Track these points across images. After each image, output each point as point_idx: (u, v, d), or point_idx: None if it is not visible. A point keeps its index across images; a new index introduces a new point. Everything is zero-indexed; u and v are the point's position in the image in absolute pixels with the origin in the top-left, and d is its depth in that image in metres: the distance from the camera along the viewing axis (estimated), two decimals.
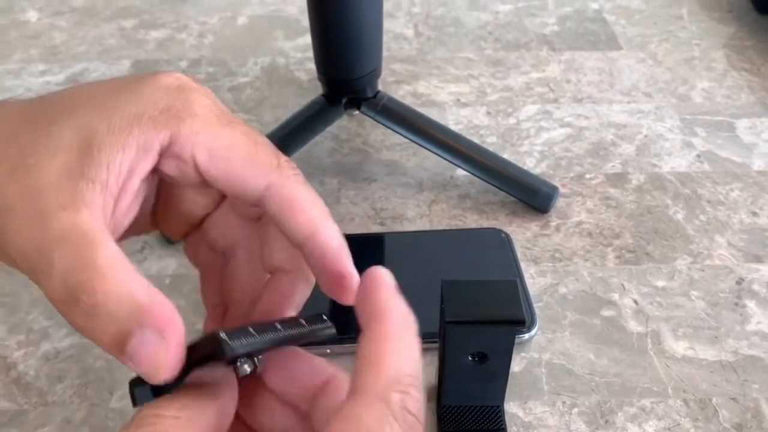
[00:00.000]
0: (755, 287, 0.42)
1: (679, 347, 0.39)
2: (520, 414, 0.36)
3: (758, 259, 0.44)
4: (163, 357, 0.20)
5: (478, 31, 0.68)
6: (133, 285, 0.20)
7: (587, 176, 0.51)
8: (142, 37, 0.69)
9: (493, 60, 0.64)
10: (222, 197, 0.27)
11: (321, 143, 0.54)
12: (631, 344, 0.39)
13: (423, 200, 0.49)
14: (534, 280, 0.43)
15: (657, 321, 0.40)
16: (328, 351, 0.39)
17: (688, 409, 0.36)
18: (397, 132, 0.48)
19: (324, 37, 0.43)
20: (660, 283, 0.42)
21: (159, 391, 0.21)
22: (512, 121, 0.56)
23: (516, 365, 0.38)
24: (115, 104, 0.22)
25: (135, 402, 0.21)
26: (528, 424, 0.35)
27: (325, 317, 0.24)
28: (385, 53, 0.48)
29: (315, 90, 0.59)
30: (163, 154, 0.23)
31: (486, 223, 0.47)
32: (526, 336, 0.39)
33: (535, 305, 0.40)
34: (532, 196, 0.47)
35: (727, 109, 0.57)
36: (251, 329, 0.21)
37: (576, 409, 0.36)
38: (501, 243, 0.44)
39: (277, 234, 0.25)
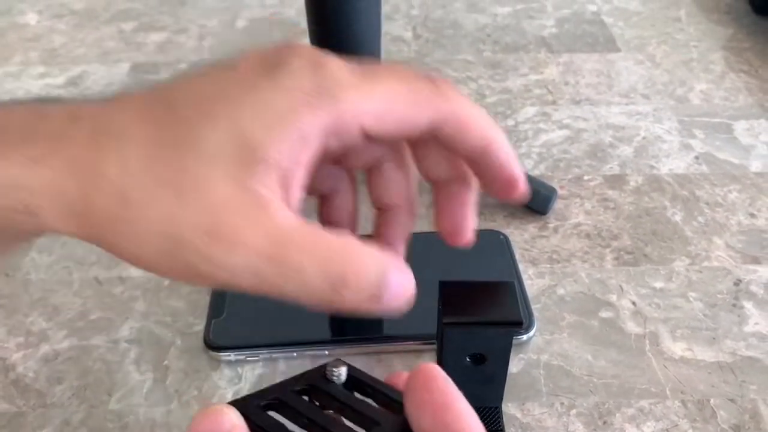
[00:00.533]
0: (753, 288, 0.42)
1: (677, 348, 0.39)
2: (519, 415, 0.36)
3: (756, 261, 0.44)
4: (413, 286, 0.23)
5: (476, 34, 0.68)
6: (367, 246, 0.22)
7: (585, 178, 0.51)
8: (141, 39, 0.69)
9: (491, 62, 0.64)
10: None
11: None
12: (629, 345, 0.39)
13: (422, 202, 0.49)
14: (532, 281, 0.43)
15: (655, 322, 0.40)
16: (327, 353, 0.39)
17: (686, 410, 0.36)
18: None
19: (323, 42, 0.44)
20: (658, 285, 0.43)
21: None
22: (511, 122, 0.56)
23: (514, 366, 0.38)
24: (260, 99, 0.21)
25: None
26: (526, 425, 0.35)
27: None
28: (383, 56, 0.48)
29: None
30: (326, 137, 0.22)
31: (484, 225, 0.47)
32: (524, 337, 0.39)
33: (533, 306, 0.41)
34: (531, 198, 0.47)
35: (725, 110, 0.57)
36: None
37: (574, 411, 0.36)
38: (499, 244, 0.44)
39: (436, 149, 0.27)
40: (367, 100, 0.22)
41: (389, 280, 0.22)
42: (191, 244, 0.21)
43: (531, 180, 0.48)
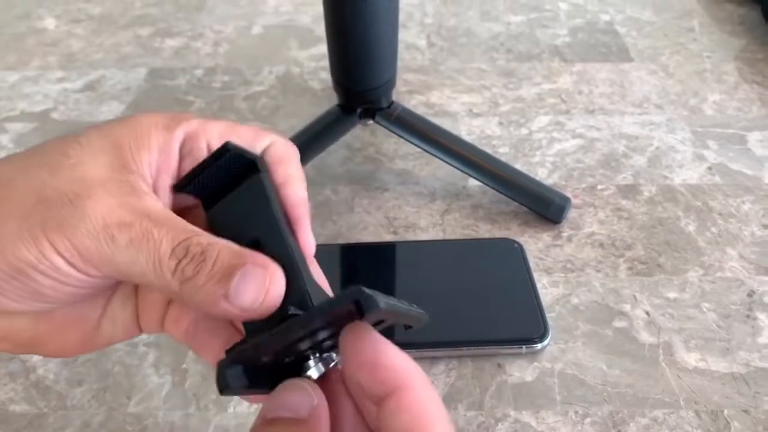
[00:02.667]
0: (767, 300, 0.42)
1: (691, 359, 0.39)
2: (533, 423, 0.36)
3: None
4: (270, 284, 0.22)
5: (490, 42, 0.69)
6: (227, 241, 0.23)
7: (599, 187, 0.51)
8: (158, 45, 0.69)
9: (505, 71, 0.64)
10: None
11: (334, 152, 0.54)
12: (643, 355, 0.39)
13: (436, 210, 0.49)
14: (546, 290, 0.43)
15: (669, 332, 0.41)
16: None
17: (700, 420, 0.36)
18: (411, 142, 0.49)
19: (340, 49, 0.44)
20: (672, 295, 0.43)
21: (252, 375, 0.22)
22: (524, 131, 0.57)
23: (529, 375, 0.38)
24: (130, 121, 0.26)
25: (224, 386, 0.21)
26: None
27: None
28: (398, 63, 0.49)
29: (329, 99, 0.60)
30: (181, 152, 0.26)
31: (498, 233, 0.47)
32: (539, 346, 0.39)
33: (547, 315, 0.41)
34: (545, 207, 0.47)
35: (739, 121, 0.58)
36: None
37: (588, 419, 0.36)
38: (514, 253, 0.45)
39: None
40: (213, 125, 0.27)
41: (245, 271, 0.22)
42: (53, 202, 0.23)
43: (544, 189, 0.48)
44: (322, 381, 0.23)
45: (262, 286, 0.22)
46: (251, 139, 0.27)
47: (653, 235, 0.47)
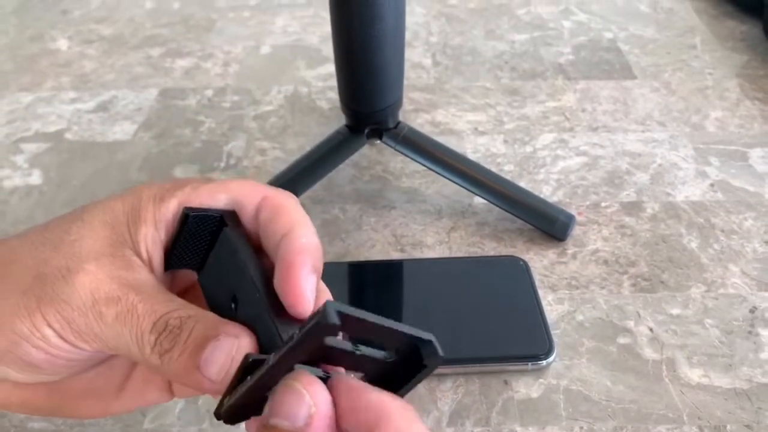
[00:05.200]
0: None
1: (694, 374, 0.40)
2: None
3: None
4: (237, 354, 0.23)
5: (494, 61, 0.70)
6: (208, 312, 0.24)
7: (603, 204, 0.52)
8: (168, 65, 0.71)
9: (509, 89, 0.66)
10: None
11: (342, 170, 0.55)
12: (647, 371, 0.40)
13: (442, 227, 0.50)
14: (552, 307, 0.44)
15: (672, 348, 0.41)
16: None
17: None
18: (417, 161, 0.50)
19: (348, 73, 0.45)
20: (675, 311, 0.44)
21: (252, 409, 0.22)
22: (529, 149, 0.58)
23: (534, 391, 0.39)
24: (131, 194, 0.27)
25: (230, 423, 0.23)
26: None
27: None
28: (404, 82, 0.50)
29: (336, 118, 0.61)
30: (174, 219, 0.27)
31: (504, 251, 0.48)
32: (545, 363, 0.40)
33: (552, 332, 0.42)
34: (550, 225, 0.48)
35: (741, 138, 0.58)
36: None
37: None
38: (519, 270, 0.46)
39: None
40: (207, 186, 0.27)
41: (216, 343, 0.23)
42: (48, 278, 0.24)
43: (549, 207, 0.49)
44: None
45: (228, 356, 0.23)
46: (245, 194, 0.28)
47: (656, 252, 0.48)
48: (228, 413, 0.22)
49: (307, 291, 0.24)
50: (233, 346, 0.23)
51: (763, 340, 0.42)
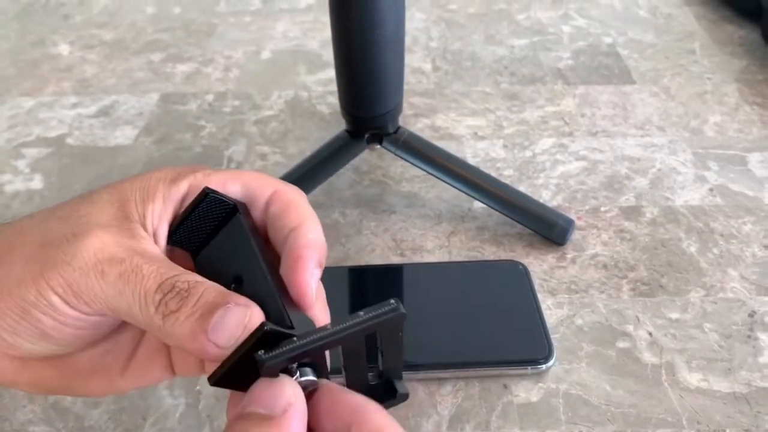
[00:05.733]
0: (767, 320, 0.43)
1: (693, 379, 0.40)
2: None
3: None
4: (249, 322, 0.23)
5: (494, 66, 0.70)
6: (215, 284, 0.25)
7: (602, 209, 0.52)
8: (169, 70, 0.71)
9: (509, 94, 0.66)
10: None
11: (342, 175, 0.56)
12: (646, 375, 0.40)
13: (442, 232, 0.51)
14: (551, 311, 0.44)
15: (671, 353, 0.41)
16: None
17: None
18: (417, 166, 0.50)
19: (349, 79, 0.45)
20: (674, 316, 0.44)
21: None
22: (528, 154, 0.58)
23: (534, 395, 0.39)
24: (141, 177, 0.28)
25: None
26: None
27: (393, 301, 0.23)
28: (404, 87, 0.50)
29: (336, 123, 0.61)
30: (183, 203, 0.28)
31: (504, 255, 0.48)
32: (544, 367, 0.40)
33: (552, 336, 0.42)
34: (549, 229, 0.48)
35: (739, 143, 0.59)
36: (295, 336, 0.23)
37: None
38: (519, 275, 0.46)
39: None
40: (218, 174, 0.28)
41: (227, 308, 0.23)
42: (52, 243, 0.25)
43: (548, 211, 0.49)
44: None
45: (240, 323, 0.23)
46: (256, 186, 0.28)
47: (655, 256, 0.48)
48: (223, 379, 0.23)
49: (311, 284, 0.26)
50: (246, 314, 0.24)
51: (761, 344, 0.42)
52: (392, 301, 0.23)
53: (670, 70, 0.69)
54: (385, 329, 0.24)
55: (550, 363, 0.40)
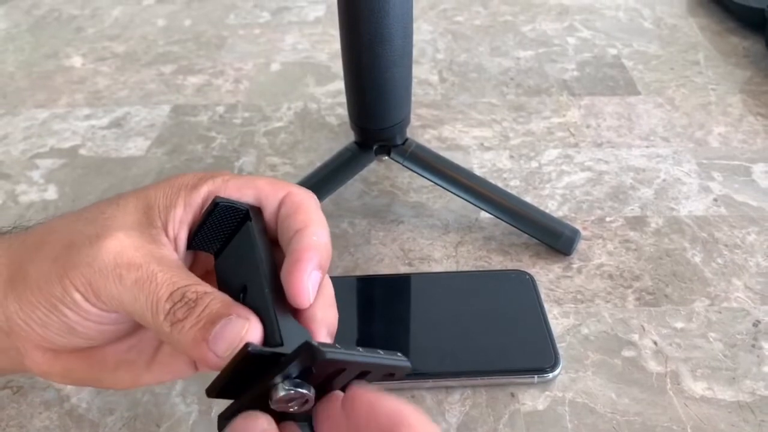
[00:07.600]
0: None
1: (698, 387, 0.40)
2: None
3: None
4: (246, 335, 0.24)
5: (500, 77, 0.71)
6: (224, 293, 0.26)
7: (607, 219, 0.53)
8: (180, 82, 0.72)
9: (515, 105, 0.67)
10: None
11: (350, 185, 0.56)
12: (651, 384, 0.41)
13: (449, 242, 0.51)
14: (557, 320, 0.45)
15: (676, 362, 0.42)
16: None
17: None
18: (424, 177, 0.51)
19: (358, 92, 0.46)
20: (679, 325, 0.44)
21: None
22: (534, 164, 0.59)
23: (540, 404, 0.40)
24: (165, 182, 0.29)
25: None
26: None
27: (399, 354, 0.26)
28: (411, 99, 0.51)
29: (345, 134, 0.62)
30: (203, 209, 0.29)
31: (510, 265, 0.49)
32: (551, 375, 0.41)
33: (558, 345, 0.42)
34: (555, 239, 0.49)
35: (744, 153, 0.59)
36: (338, 346, 0.24)
37: None
38: (525, 284, 0.46)
39: None
40: (235, 180, 0.29)
41: (228, 320, 0.24)
42: (76, 244, 0.26)
43: (554, 221, 0.50)
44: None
45: (237, 335, 0.24)
46: (270, 190, 0.30)
47: (660, 266, 0.48)
48: (217, 392, 0.25)
49: (308, 286, 0.26)
50: (244, 326, 0.25)
51: (766, 354, 0.42)
52: (399, 353, 0.25)
53: (675, 81, 0.70)
54: (389, 373, 0.26)
55: (557, 372, 0.41)
